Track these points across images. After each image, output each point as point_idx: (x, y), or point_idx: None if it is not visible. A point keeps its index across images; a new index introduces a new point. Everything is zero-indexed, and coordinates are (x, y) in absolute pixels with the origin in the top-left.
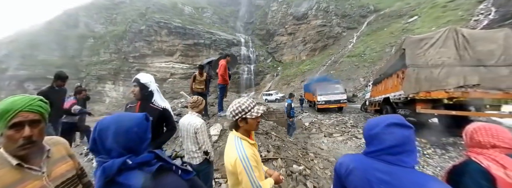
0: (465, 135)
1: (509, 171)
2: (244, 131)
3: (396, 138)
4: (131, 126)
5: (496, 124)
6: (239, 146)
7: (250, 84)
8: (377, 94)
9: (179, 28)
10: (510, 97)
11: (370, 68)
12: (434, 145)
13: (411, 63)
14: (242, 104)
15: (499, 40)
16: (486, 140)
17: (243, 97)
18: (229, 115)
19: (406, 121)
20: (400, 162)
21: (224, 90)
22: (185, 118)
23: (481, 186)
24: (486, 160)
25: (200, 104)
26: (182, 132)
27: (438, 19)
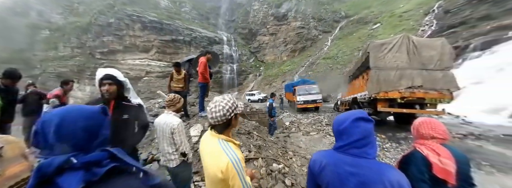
0: (412, 128)
1: (442, 158)
2: (227, 132)
3: (361, 131)
4: (78, 119)
5: (434, 119)
6: (228, 149)
7: (233, 84)
8: (347, 94)
9: (155, 22)
10: (443, 96)
11: (342, 70)
12: (391, 140)
13: (373, 65)
14: (231, 100)
15: (438, 47)
16: (426, 132)
17: (223, 95)
18: (220, 115)
19: (368, 115)
20: (365, 155)
21: (205, 89)
22: (161, 118)
23: (421, 171)
24: (426, 150)
25: (177, 102)
26: (157, 133)
27: (396, 27)
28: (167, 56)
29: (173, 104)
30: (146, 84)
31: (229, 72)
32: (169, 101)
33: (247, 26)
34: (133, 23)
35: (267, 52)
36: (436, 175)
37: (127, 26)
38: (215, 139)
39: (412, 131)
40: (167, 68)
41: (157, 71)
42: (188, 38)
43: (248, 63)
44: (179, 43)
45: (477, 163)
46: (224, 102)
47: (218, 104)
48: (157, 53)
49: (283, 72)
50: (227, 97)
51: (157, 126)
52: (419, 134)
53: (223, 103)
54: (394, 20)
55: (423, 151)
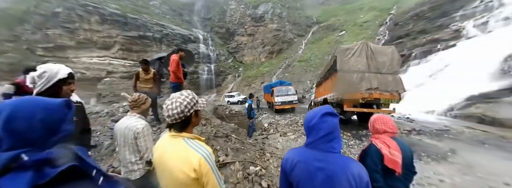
0: (369, 124)
1: (392, 150)
2: (190, 130)
3: (329, 126)
4: (36, 111)
5: (386, 115)
6: (196, 145)
7: (210, 85)
8: (319, 95)
9: (117, 15)
10: (393, 97)
11: (315, 72)
12: (354, 137)
13: (340, 68)
14: (190, 95)
15: (389, 54)
16: (380, 127)
17: (181, 91)
18: (177, 112)
19: (334, 111)
20: (331, 149)
21: (178, 89)
22: (122, 122)
23: (375, 163)
24: (380, 143)
25: (143, 103)
26: (118, 139)
27: (358, 35)
28: (134, 54)
29: (138, 104)
30: (108, 85)
31: (207, 73)
32: (133, 102)
33: (224, 25)
34: (88, 15)
35: (245, 53)
36: (386, 165)
37: (81, 18)
38: (178, 138)
39: (369, 127)
40: (134, 68)
41: (121, 71)
42: (158, 34)
43: (227, 64)
44: (148, 40)
45: (418, 154)
46: (182, 97)
47: (174, 101)
48: (120, 51)
49: (262, 73)
50: (186, 92)
51: (117, 132)
52: (375, 129)
53: (181, 99)
54: (356, 28)
55: (378, 144)
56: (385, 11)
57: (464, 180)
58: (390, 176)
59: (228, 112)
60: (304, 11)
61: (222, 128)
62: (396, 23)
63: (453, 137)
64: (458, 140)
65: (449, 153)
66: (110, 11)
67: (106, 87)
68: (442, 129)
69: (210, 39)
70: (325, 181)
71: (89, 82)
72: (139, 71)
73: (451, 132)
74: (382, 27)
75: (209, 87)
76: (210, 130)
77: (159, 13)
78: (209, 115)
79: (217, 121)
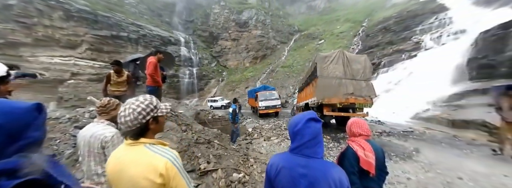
0: (347, 128)
1: (366, 152)
2: (149, 136)
3: (313, 131)
4: None
5: (361, 119)
6: (160, 150)
7: (192, 89)
8: (301, 100)
9: (86, 12)
10: (367, 102)
11: (297, 78)
12: (333, 140)
13: (320, 74)
14: (146, 100)
15: (362, 62)
16: (356, 130)
17: (139, 96)
18: (130, 119)
19: (317, 116)
20: (315, 154)
21: (155, 93)
22: (87, 129)
23: (352, 165)
24: (356, 146)
25: (113, 108)
26: (81, 149)
27: (335, 44)
28: (105, 55)
29: (107, 110)
30: (72, 88)
31: (188, 77)
32: (102, 107)
33: (207, 29)
34: (50, 10)
35: (230, 57)
36: (362, 167)
37: (40, 13)
38: (138, 146)
39: (346, 130)
40: (105, 70)
41: (89, 72)
42: (134, 35)
43: (210, 68)
44: (122, 40)
45: (388, 154)
46: (136, 103)
47: (128, 107)
48: (89, 51)
49: (246, 78)
50: (142, 98)
51: (80, 140)
52: (351, 132)
53: (134, 105)
54: (333, 38)
55: (354, 147)
56: (358, 23)
57: (427, 177)
58: (365, 177)
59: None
60: (287, 19)
61: (204, 133)
62: (367, 35)
63: (416, 138)
64: (421, 140)
65: (414, 152)
66: (77, 7)
67: (70, 90)
68: (408, 131)
69: (192, 42)
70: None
71: (49, 84)
72: (111, 73)
73: (415, 133)
74: (356, 37)
75: (191, 91)
76: (191, 137)
77: (135, 12)
78: (190, 121)
79: (199, 127)
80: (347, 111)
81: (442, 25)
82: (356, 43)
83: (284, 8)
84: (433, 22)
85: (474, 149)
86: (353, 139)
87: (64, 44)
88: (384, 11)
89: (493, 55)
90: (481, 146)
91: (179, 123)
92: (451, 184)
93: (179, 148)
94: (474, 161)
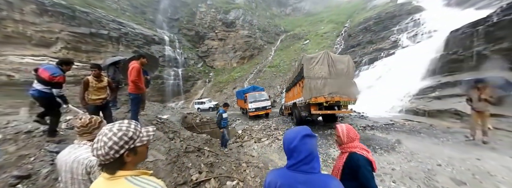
0: (342, 135)
1: (369, 154)
2: (130, 167)
3: (309, 148)
4: None
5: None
6: (144, 182)
7: (178, 91)
8: (289, 100)
9: (62, 7)
10: (350, 100)
11: (284, 77)
12: (321, 137)
13: (306, 75)
14: (123, 130)
15: (346, 62)
16: (353, 135)
17: (116, 123)
18: (102, 153)
19: (311, 131)
20: (312, 170)
21: (138, 101)
22: (67, 153)
23: (369, 170)
24: (361, 150)
25: (96, 127)
26: (63, 176)
27: (319, 44)
28: (83, 54)
29: (90, 130)
30: None
31: (174, 78)
32: (83, 127)
33: (193, 28)
34: (22, 3)
35: (216, 58)
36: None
37: (10, 6)
38: (118, 180)
39: (341, 137)
40: (83, 71)
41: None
42: (115, 33)
43: (196, 68)
44: (102, 38)
45: (373, 148)
46: (108, 135)
47: (100, 138)
48: (65, 50)
49: (233, 79)
50: (117, 127)
51: (61, 166)
52: (350, 138)
53: (106, 138)
54: (318, 38)
55: (363, 153)
56: (341, 24)
57: (410, 166)
58: None
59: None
60: (273, 20)
61: (193, 140)
62: (349, 35)
63: (398, 130)
64: (402, 132)
65: (396, 144)
66: (52, 0)
67: None
68: (389, 123)
69: (177, 42)
70: None
71: (19, 87)
72: (88, 79)
73: (396, 125)
74: (339, 37)
75: (176, 93)
76: (180, 146)
77: (117, 8)
78: (178, 127)
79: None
80: (333, 109)
81: (417, 25)
82: (339, 43)
83: (271, 9)
84: (409, 22)
85: (450, 137)
86: (354, 145)
87: (37, 41)
88: (365, 13)
89: (462, 51)
90: (455, 133)
91: (166, 131)
92: (432, 171)
93: (168, 159)
94: (450, 148)
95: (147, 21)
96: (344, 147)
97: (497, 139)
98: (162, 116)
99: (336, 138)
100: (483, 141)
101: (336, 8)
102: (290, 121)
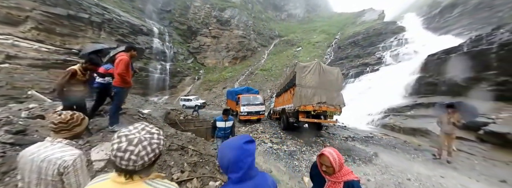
0: (334, 163)
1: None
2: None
3: (251, 153)
4: None
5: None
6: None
7: (163, 86)
8: (278, 105)
9: None
10: (336, 110)
11: (275, 82)
12: (306, 144)
13: (298, 83)
14: (153, 136)
15: (335, 74)
16: (342, 160)
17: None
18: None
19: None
20: (256, 171)
21: (122, 95)
22: (37, 151)
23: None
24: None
25: (77, 124)
26: (26, 175)
27: (311, 52)
28: (57, 37)
29: (69, 127)
30: (5, 74)
31: (160, 72)
32: (62, 124)
33: (185, 22)
34: None
35: (208, 55)
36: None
37: None
38: (136, 183)
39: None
40: (54, 55)
41: (32, 57)
42: (98, 18)
43: (186, 64)
44: (82, 22)
45: (353, 158)
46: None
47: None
48: (35, 30)
49: (224, 78)
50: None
51: (25, 164)
52: (341, 163)
53: (150, 146)
54: (310, 46)
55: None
56: (332, 35)
57: (383, 178)
58: None
59: (183, 117)
60: (268, 23)
61: (176, 138)
62: (339, 47)
63: (376, 143)
64: (379, 145)
65: (373, 156)
66: None
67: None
68: (369, 136)
69: (167, 34)
70: None
71: None
72: (76, 69)
73: (374, 138)
74: (329, 48)
75: (161, 88)
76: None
77: None
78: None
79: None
80: (319, 118)
81: (400, 44)
82: (329, 54)
83: (267, 12)
84: (393, 41)
85: (420, 154)
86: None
87: (1, 18)
88: (355, 27)
89: (436, 75)
90: (425, 151)
91: None
92: (402, 184)
93: None
94: (420, 164)
95: (135, 9)
96: (337, 177)
97: (459, 160)
98: (143, 111)
99: (325, 168)
100: (448, 161)
101: (329, 19)
102: (277, 125)
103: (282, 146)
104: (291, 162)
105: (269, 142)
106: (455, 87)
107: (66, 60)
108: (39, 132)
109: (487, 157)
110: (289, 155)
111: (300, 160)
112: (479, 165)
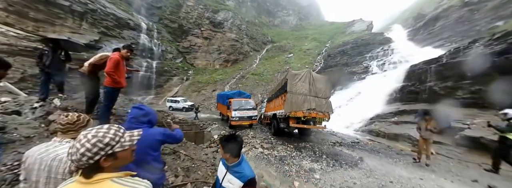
0: None
1: None
2: (111, 170)
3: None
4: None
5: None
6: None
7: (148, 85)
8: (269, 110)
9: None
10: (325, 117)
11: (266, 87)
12: (296, 149)
13: (289, 90)
14: (100, 136)
15: (324, 82)
16: None
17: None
18: (75, 159)
19: None
20: None
21: (113, 96)
22: (46, 150)
23: None
24: None
25: (83, 125)
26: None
27: (302, 59)
28: (30, 22)
29: (76, 128)
30: None
31: (146, 70)
32: (69, 124)
33: (177, 20)
34: None
35: (198, 56)
36: None
37: None
38: (102, 182)
39: None
40: (24, 42)
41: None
42: (80, 7)
43: (174, 64)
44: (61, 10)
45: (340, 163)
46: (82, 141)
47: (74, 144)
48: (3, 11)
49: (214, 81)
50: (95, 131)
51: (34, 163)
52: None
53: (80, 144)
54: (301, 53)
55: None
56: (323, 43)
57: (368, 182)
58: None
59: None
60: (261, 28)
61: None
62: (329, 55)
63: (361, 148)
64: (365, 150)
65: (359, 161)
66: None
67: None
68: (355, 141)
69: (156, 31)
70: None
71: None
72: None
73: (360, 144)
74: (320, 56)
75: (146, 87)
76: None
77: None
78: None
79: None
80: (309, 124)
81: (386, 54)
82: (319, 61)
83: (260, 17)
84: (380, 51)
85: (402, 158)
86: None
87: None
88: (344, 36)
89: (418, 84)
90: (406, 155)
91: None
92: (385, 186)
93: None
94: (401, 168)
95: (123, 2)
96: None
97: (437, 163)
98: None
99: None
100: (426, 164)
101: (320, 28)
102: (267, 130)
103: (273, 152)
104: (282, 167)
105: (260, 147)
106: (435, 95)
107: (37, 48)
108: (18, 130)
109: (462, 160)
110: (279, 160)
111: (290, 165)
112: (454, 167)
